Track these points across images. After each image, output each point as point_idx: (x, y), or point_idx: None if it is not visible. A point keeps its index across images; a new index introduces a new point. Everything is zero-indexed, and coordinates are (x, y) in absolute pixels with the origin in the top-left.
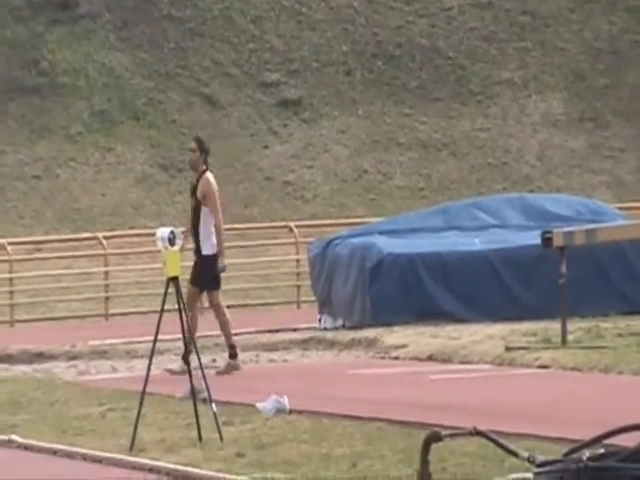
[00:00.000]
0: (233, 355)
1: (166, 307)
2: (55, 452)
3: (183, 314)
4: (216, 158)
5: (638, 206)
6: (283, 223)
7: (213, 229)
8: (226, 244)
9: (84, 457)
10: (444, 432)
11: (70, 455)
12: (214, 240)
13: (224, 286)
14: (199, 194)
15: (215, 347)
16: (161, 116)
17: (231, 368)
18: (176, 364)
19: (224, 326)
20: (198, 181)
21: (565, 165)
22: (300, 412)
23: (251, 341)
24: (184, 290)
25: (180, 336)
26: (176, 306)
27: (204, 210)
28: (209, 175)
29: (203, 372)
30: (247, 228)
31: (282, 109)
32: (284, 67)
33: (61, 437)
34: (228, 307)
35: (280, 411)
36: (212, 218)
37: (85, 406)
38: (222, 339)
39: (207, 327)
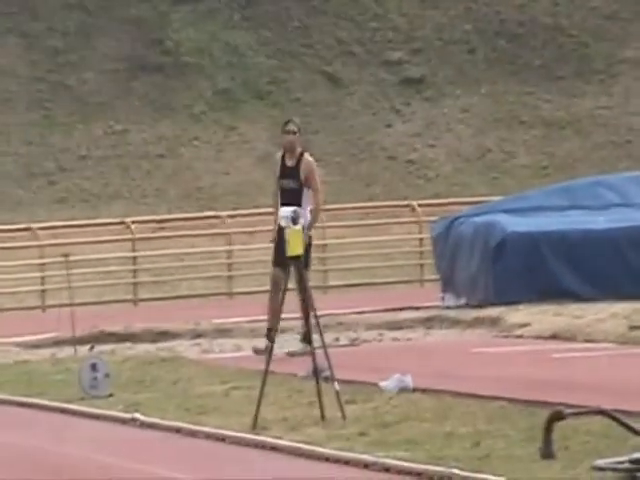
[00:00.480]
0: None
1: (289, 286)
2: (178, 430)
3: (304, 294)
4: (339, 137)
5: None
6: (405, 202)
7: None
8: (349, 222)
9: (207, 435)
10: (567, 411)
11: (193, 434)
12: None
13: (347, 265)
14: (302, 175)
15: (338, 325)
16: (284, 95)
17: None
18: (295, 346)
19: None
20: (299, 162)
21: None
22: (423, 391)
23: (375, 320)
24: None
25: (301, 315)
26: (296, 285)
27: (306, 191)
28: (309, 156)
29: (326, 351)
30: (369, 207)
31: (405, 88)
32: (407, 45)
33: (184, 415)
34: (353, 286)
35: (403, 390)
36: (310, 199)
37: (208, 384)
38: (344, 318)
39: (329, 306)
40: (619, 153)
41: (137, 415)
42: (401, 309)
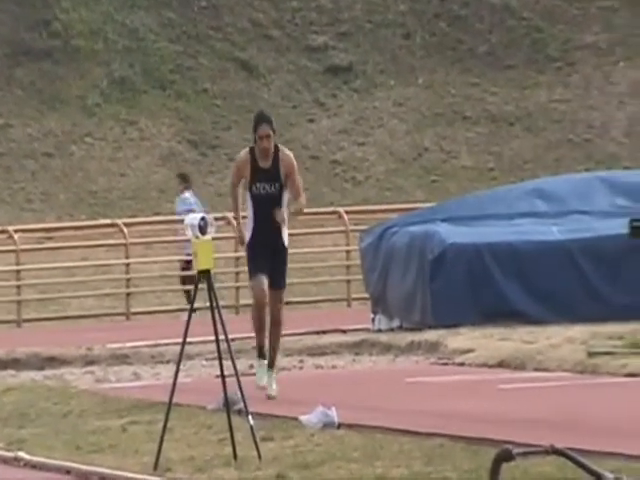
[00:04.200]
0: None
1: (196, 305)
2: (68, 471)
3: (216, 312)
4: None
5: None
6: (331, 209)
7: None
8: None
9: (101, 477)
10: (516, 450)
11: (86, 475)
12: None
13: None
14: (283, 175)
15: (253, 351)
16: (190, 85)
17: None
18: (275, 388)
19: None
20: (276, 161)
21: None
22: (350, 426)
23: (295, 344)
24: (217, 285)
25: (212, 338)
26: (207, 304)
27: (285, 195)
28: (286, 150)
29: (239, 380)
30: (289, 214)
31: (330, 77)
32: (332, 29)
33: (75, 454)
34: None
35: (327, 425)
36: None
37: (103, 419)
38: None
39: (242, 328)
40: (577, 153)
41: (21, 454)
42: (325, 332)
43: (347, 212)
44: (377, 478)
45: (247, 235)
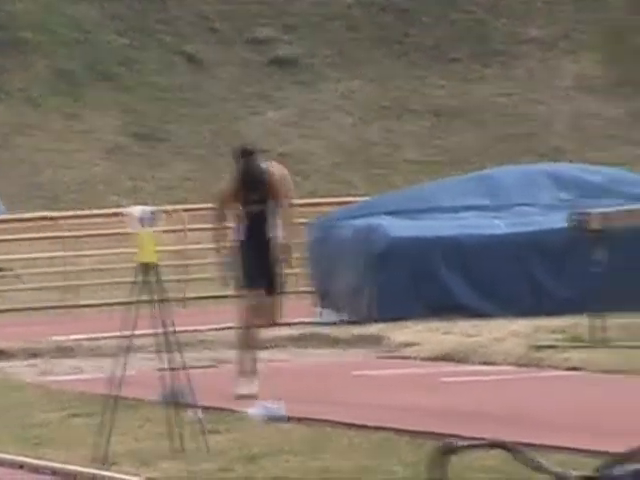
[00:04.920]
0: None
1: (142, 298)
2: (22, 466)
3: (159, 305)
4: (200, 126)
5: None
6: None
7: None
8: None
9: (53, 472)
10: (460, 443)
11: (37, 469)
12: None
13: (210, 274)
14: (273, 191)
15: (199, 344)
16: (136, 78)
17: None
18: (246, 386)
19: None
20: (262, 177)
21: (600, 136)
22: (297, 419)
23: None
24: (163, 278)
25: (158, 331)
26: (153, 296)
27: (271, 203)
28: (274, 164)
29: (186, 373)
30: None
31: (276, 70)
32: (278, 21)
33: (25, 448)
34: (215, 298)
35: (274, 418)
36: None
37: (47, 411)
38: (206, 335)
39: (188, 321)
40: (521, 147)
41: None
42: (271, 325)
43: (293, 205)
44: (323, 471)
45: None
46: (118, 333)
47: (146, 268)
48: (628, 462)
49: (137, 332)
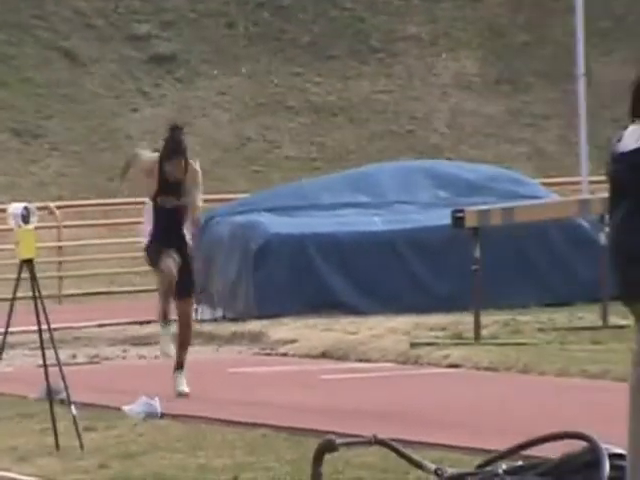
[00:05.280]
0: None
1: (19, 294)
2: None
3: (39, 302)
4: (77, 122)
5: (563, 181)
6: None
7: None
8: (88, 221)
9: None
10: (339, 440)
11: None
12: None
13: (86, 270)
14: (187, 188)
15: (75, 340)
16: (13, 73)
17: None
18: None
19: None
20: (185, 171)
21: (479, 134)
22: (174, 416)
23: (118, 334)
24: (39, 275)
25: (35, 328)
26: (30, 293)
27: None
28: (195, 165)
29: (61, 369)
30: (112, 204)
31: (153, 66)
32: (156, 18)
33: None
34: (92, 294)
35: (150, 415)
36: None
37: None
38: (82, 332)
39: (64, 318)
40: (399, 144)
41: None
42: (148, 322)
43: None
44: (200, 468)
45: None
46: None
47: (26, 265)
48: (506, 459)
49: (18, 329)
